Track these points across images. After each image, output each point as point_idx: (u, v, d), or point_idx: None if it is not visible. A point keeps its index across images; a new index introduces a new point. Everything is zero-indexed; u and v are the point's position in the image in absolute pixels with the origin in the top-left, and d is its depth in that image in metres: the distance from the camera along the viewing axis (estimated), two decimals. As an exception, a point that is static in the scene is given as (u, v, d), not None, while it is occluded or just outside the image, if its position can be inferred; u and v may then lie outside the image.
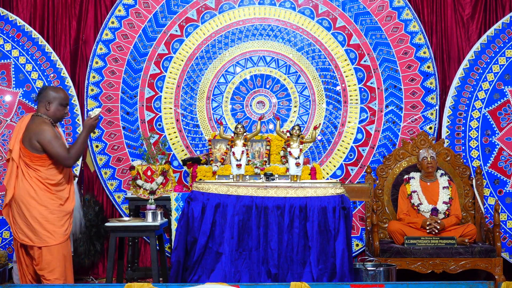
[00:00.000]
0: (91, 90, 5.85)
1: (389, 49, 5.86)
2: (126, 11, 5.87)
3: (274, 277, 3.90)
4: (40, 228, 3.91)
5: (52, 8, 5.90)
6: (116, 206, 5.85)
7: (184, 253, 4.01)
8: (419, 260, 4.91)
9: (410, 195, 5.27)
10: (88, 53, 5.89)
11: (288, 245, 3.92)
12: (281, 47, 5.91)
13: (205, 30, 5.91)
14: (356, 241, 5.77)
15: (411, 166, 5.52)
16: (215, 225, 3.99)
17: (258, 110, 5.92)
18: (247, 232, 3.97)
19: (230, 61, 5.91)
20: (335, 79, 5.88)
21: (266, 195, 3.99)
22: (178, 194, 5.07)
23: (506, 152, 5.66)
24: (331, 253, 3.90)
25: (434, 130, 5.81)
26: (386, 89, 5.86)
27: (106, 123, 5.85)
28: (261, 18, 5.91)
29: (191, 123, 5.90)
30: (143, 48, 5.89)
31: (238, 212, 3.97)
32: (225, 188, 4.04)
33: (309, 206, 3.94)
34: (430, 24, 5.91)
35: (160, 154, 5.49)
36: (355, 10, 5.87)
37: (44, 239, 3.91)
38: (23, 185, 3.93)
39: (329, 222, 3.91)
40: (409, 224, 5.13)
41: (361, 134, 5.86)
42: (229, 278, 3.91)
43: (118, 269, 4.87)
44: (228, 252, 3.94)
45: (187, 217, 4.03)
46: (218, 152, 5.52)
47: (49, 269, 3.92)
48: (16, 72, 5.71)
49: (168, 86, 5.90)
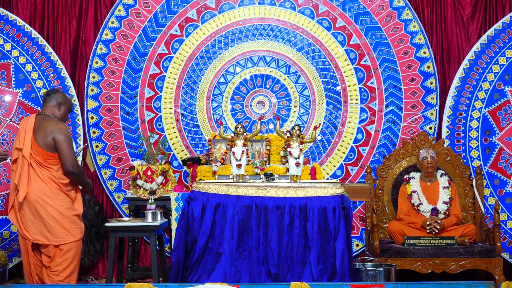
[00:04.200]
0: (91, 90, 5.85)
1: (389, 49, 5.86)
2: (126, 11, 5.87)
3: (274, 277, 3.90)
4: (58, 226, 3.95)
5: (52, 8, 5.90)
6: (116, 206, 5.85)
7: (184, 253, 4.02)
8: (419, 260, 4.91)
9: (410, 195, 5.26)
10: (88, 53, 5.89)
11: (288, 245, 3.92)
12: (281, 47, 5.91)
13: (205, 30, 5.91)
14: (356, 241, 5.77)
15: (411, 166, 5.52)
16: (215, 225, 3.99)
17: (258, 110, 5.92)
18: (247, 232, 3.97)
19: (230, 61, 5.91)
20: (335, 79, 5.88)
21: (266, 195, 3.99)
22: (178, 194, 5.07)
23: (506, 152, 5.66)
24: (331, 253, 3.90)
25: (434, 130, 5.81)
26: (386, 89, 5.85)
27: (106, 123, 5.85)
28: (261, 18, 5.91)
29: (191, 123, 5.89)
30: (143, 48, 5.88)
31: (238, 212, 3.97)
32: (225, 188, 4.04)
33: (309, 206, 3.94)
34: (430, 24, 5.91)
35: (160, 154, 5.49)
36: (355, 10, 5.87)
37: (62, 236, 3.96)
38: (37, 185, 3.94)
39: (329, 222, 3.91)
40: (409, 224, 5.13)
41: (361, 134, 5.86)
42: (229, 278, 3.91)
43: (118, 269, 4.87)
44: (228, 252, 3.94)
45: (187, 217, 4.03)
46: (218, 152, 5.52)
47: (63, 267, 3.95)
48: (16, 72, 5.71)
49: (168, 86, 5.90)
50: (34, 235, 3.93)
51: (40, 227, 3.93)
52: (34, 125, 4.00)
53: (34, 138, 3.97)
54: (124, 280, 5.14)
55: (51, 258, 3.95)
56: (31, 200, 3.92)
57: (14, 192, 3.98)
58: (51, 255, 3.95)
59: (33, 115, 4.10)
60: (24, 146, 3.96)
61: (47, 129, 3.98)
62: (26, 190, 3.92)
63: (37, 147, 3.96)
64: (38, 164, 3.96)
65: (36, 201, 3.93)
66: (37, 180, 3.95)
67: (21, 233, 3.97)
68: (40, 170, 3.96)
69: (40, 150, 3.96)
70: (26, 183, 3.93)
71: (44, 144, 3.96)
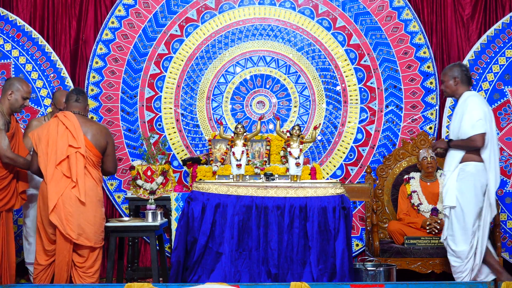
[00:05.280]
0: (91, 90, 5.85)
1: (389, 49, 5.86)
2: (126, 11, 5.87)
3: (274, 277, 3.90)
4: (102, 228, 4.04)
5: (52, 8, 5.90)
6: (116, 206, 5.85)
7: (184, 253, 4.02)
8: (419, 260, 4.91)
9: (410, 195, 5.27)
10: (88, 53, 5.89)
11: (288, 245, 3.92)
12: (281, 47, 5.91)
13: (205, 30, 5.91)
14: (356, 241, 5.77)
15: (411, 166, 5.52)
16: (215, 225, 3.99)
17: (258, 110, 5.92)
18: (247, 232, 3.97)
19: (230, 61, 5.91)
20: (335, 79, 5.88)
21: (266, 195, 3.99)
22: (178, 194, 5.07)
23: (506, 152, 5.66)
24: (331, 253, 3.90)
25: (434, 130, 5.81)
26: (386, 89, 5.86)
27: (106, 123, 5.85)
28: (261, 18, 5.91)
29: (191, 123, 5.90)
30: (143, 48, 5.89)
31: (238, 212, 3.97)
32: (225, 188, 4.04)
33: (309, 206, 3.94)
34: (430, 24, 5.91)
35: (160, 154, 5.49)
36: (355, 10, 5.87)
37: (100, 239, 4.03)
38: (90, 185, 3.97)
39: (329, 222, 3.91)
40: (409, 224, 5.13)
41: (361, 134, 5.86)
42: (229, 278, 3.91)
43: (118, 269, 4.86)
44: (228, 252, 3.94)
45: (187, 217, 4.03)
46: (218, 152, 5.52)
47: (95, 268, 4.02)
48: (16, 72, 5.71)
49: (168, 86, 5.90)
50: (77, 235, 3.91)
51: (88, 228, 3.94)
52: (84, 125, 4.04)
53: (90, 138, 4.02)
54: (124, 280, 5.14)
55: (85, 259, 3.97)
56: (86, 200, 3.94)
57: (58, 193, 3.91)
58: (85, 256, 3.97)
59: (69, 113, 4.06)
60: (81, 144, 3.95)
61: (101, 131, 4.07)
62: (85, 190, 3.93)
63: (93, 147, 4.00)
64: (92, 164, 4.00)
65: (91, 201, 3.95)
66: (91, 180, 3.99)
67: (63, 233, 3.90)
68: (93, 170, 4.01)
69: (95, 151, 4.01)
70: (84, 182, 3.94)
71: (99, 145, 4.04)
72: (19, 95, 4.22)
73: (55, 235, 3.95)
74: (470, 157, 4.32)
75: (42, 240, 4.01)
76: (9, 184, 4.22)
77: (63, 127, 3.98)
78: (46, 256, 4.00)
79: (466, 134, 4.26)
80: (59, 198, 3.90)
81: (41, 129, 4.06)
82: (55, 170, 3.93)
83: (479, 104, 4.34)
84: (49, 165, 3.94)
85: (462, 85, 4.44)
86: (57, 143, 3.96)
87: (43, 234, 4.00)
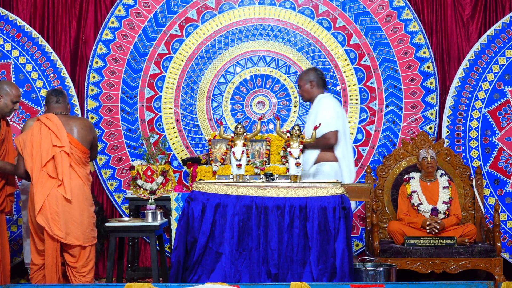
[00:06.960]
0: (91, 90, 5.85)
1: (389, 49, 5.86)
2: (126, 11, 5.87)
3: (274, 277, 3.90)
4: (91, 227, 4.01)
5: (52, 8, 5.90)
6: (116, 206, 5.85)
7: (184, 253, 4.01)
8: (419, 260, 4.91)
9: (410, 195, 5.26)
10: (88, 53, 5.90)
11: (288, 245, 3.92)
12: (281, 47, 5.91)
13: (205, 30, 5.91)
14: (356, 241, 5.77)
15: (411, 166, 5.52)
16: (215, 225, 3.99)
17: (258, 110, 5.92)
18: (247, 232, 3.96)
19: (230, 61, 5.92)
20: (335, 79, 5.88)
21: (266, 195, 3.99)
22: (178, 194, 5.07)
23: (506, 152, 5.66)
24: (331, 253, 3.90)
25: (434, 130, 5.81)
26: (386, 89, 5.86)
27: (106, 123, 5.85)
28: (261, 18, 5.92)
29: (191, 123, 5.90)
30: (143, 48, 5.89)
31: (238, 212, 3.97)
32: (225, 188, 4.04)
33: (309, 206, 3.94)
34: (430, 24, 5.91)
35: (160, 154, 5.49)
36: (355, 10, 5.87)
37: (90, 238, 4.01)
38: (76, 184, 3.96)
39: (329, 222, 3.91)
40: (409, 224, 5.13)
41: (361, 134, 5.86)
42: (229, 278, 3.91)
43: (118, 269, 4.87)
44: (228, 252, 3.94)
45: (187, 217, 4.03)
46: (218, 152, 5.52)
47: (89, 267, 4.02)
48: (16, 72, 5.71)
49: (168, 86, 5.90)
50: (65, 235, 3.90)
51: (75, 227, 3.93)
52: (68, 122, 4.04)
53: (77, 134, 4.01)
54: (124, 280, 5.14)
55: (76, 258, 3.96)
56: (74, 199, 3.92)
57: (44, 194, 3.90)
58: (76, 255, 3.96)
59: (51, 114, 4.06)
60: (64, 142, 3.94)
61: (86, 126, 4.07)
62: (71, 188, 3.91)
63: (78, 143, 3.99)
64: (77, 162, 3.99)
65: (78, 201, 3.93)
66: (77, 179, 3.97)
67: (50, 233, 3.89)
68: (78, 168, 3.98)
69: (81, 147, 4.00)
70: (69, 180, 3.92)
71: (86, 141, 4.04)
72: (9, 99, 4.14)
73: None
74: (325, 157, 4.51)
75: (34, 241, 4.03)
76: (2, 188, 4.20)
77: (45, 129, 3.99)
78: (39, 256, 4.01)
79: (320, 132, 4.40)
80: (45, 200, 3.90)
81: (25, 134, 4.06)
82: (41, 172, 3.94)
83: (332, 103, 4.58)
84: (35, 167, 3.94)
85: (318, 88, 4.66)
86: (41, 145, 3.97)
87: (34, 235, 4.02)
